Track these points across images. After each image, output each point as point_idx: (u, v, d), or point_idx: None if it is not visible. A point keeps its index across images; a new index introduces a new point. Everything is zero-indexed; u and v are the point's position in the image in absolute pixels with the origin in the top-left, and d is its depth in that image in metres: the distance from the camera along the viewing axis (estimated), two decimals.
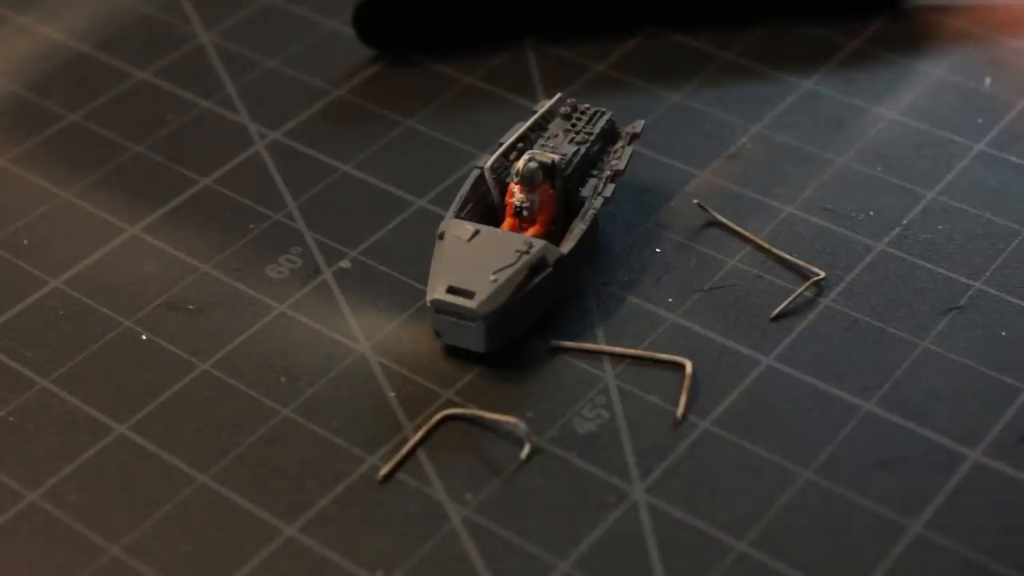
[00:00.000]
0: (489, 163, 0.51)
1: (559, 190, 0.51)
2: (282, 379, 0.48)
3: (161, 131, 0.58)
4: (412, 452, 0.46)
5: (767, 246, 0.52)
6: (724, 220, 0.53)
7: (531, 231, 0.50)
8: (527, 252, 0.48)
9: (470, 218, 0.50)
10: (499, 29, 0.61)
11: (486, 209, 0.51)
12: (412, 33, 0.61)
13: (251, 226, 0.54)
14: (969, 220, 0.53)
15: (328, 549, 0.43)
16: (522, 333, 0.49)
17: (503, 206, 0.51)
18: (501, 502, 0.44)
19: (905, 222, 0.53)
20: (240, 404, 0.48)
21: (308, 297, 0.51)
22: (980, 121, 0.57)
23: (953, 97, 0.58)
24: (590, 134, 0.53)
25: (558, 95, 0.54)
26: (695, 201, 0.53)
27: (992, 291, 0.50)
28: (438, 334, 0.48)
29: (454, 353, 0.49)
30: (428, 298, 0.48)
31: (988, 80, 0.59)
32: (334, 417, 0.47)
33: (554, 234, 0.50)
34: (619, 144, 0.53)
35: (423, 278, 0.49)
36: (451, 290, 0.48)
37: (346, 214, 0.54)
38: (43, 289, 0.52)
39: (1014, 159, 0.55)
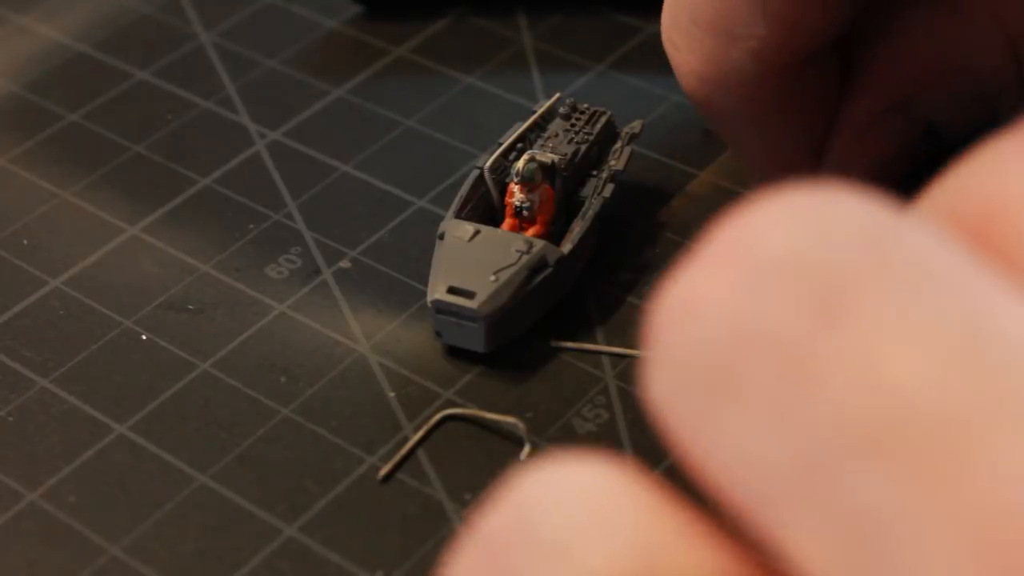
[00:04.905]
0: (489, 163, 0.51)
1: (559, 190, 0.51)
2: (282, 379, 0.48)
3: (161, 131, 0.58)
4: (412, 452, 0.46)
5: None
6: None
7: (531, 231, 0.50)
8: (527, 252, 0.48)
9: (470, 218, 0.50)
10: None
11: (486, 209, 0.51)
12: None
13: (251, 226, 0.54)
14: None
15: (328, 549, 0.43)
16: (522, 333, 0.49)
17: (503, 206, 0.51)
18: None
19: None
20: (240, 404, 0.48)
21: (308, 297, 0.51)
22: None
23: None
24: (589, 134, 0.53)
25: (557, 95, 0.54)
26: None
27: None
28: (438, 334, 0.48)
29: (454, 353, 0.49)
30: (428, 298, 0.48)
31: None
32: (334, 417, 0.47)
33: (554, 234, 0.50)
34: (618, 144, 0.53)
35: (423, 278, 0.49)
36: (451, 290, 0.48)
37: (346, 214, 0.54)
38: (43, 289, 0.52)
39: None
